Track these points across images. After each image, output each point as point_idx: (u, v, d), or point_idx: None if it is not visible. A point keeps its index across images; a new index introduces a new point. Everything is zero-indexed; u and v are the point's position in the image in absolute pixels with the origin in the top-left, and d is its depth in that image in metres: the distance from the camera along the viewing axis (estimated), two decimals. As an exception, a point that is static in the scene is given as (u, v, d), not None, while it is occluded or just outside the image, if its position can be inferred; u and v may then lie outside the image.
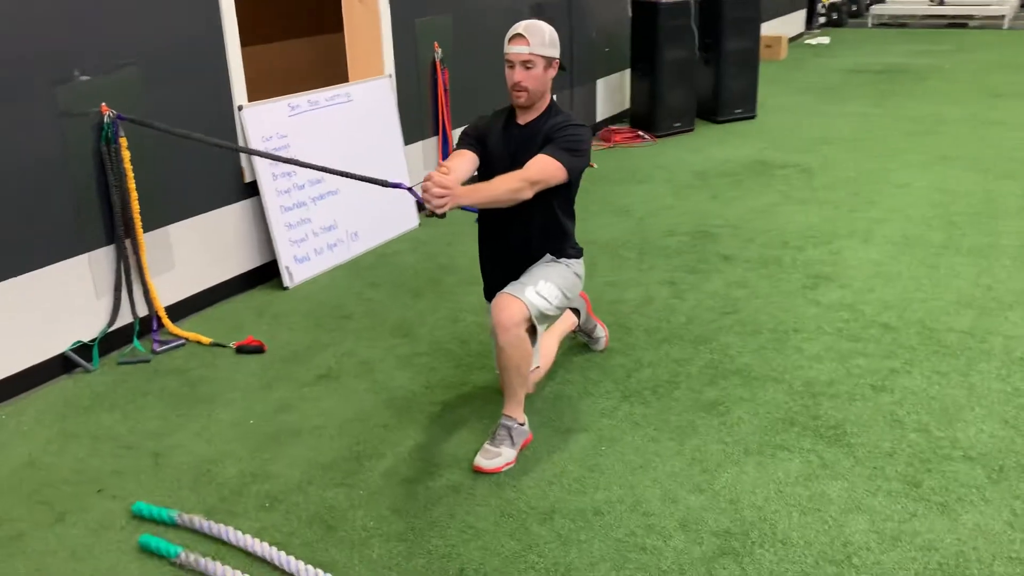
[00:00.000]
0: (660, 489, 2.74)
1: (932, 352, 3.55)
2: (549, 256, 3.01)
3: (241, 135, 4.28)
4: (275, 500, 2.76)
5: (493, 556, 2.47)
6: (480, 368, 3.56)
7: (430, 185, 2.56)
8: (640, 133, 7.59)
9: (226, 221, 4.30)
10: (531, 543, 2.51)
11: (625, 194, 5.96)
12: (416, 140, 5.53)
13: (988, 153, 6.62)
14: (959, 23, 15.88)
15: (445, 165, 2.71)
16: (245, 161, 4.33)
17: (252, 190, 4.39)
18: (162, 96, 3.88)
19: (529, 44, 2.82)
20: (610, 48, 7.89)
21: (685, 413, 3.17)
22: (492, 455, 2.87)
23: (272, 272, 4.52)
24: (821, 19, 15.90)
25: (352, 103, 4.86)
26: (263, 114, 4.33)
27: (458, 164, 2.86)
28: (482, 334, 3.82)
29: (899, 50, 12.67)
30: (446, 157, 4.95)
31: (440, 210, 2.59)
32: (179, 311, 4.09)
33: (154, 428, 3.20)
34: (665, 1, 7.28)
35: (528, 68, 2.84)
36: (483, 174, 2.98)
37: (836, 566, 2.38)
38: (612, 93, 8.14)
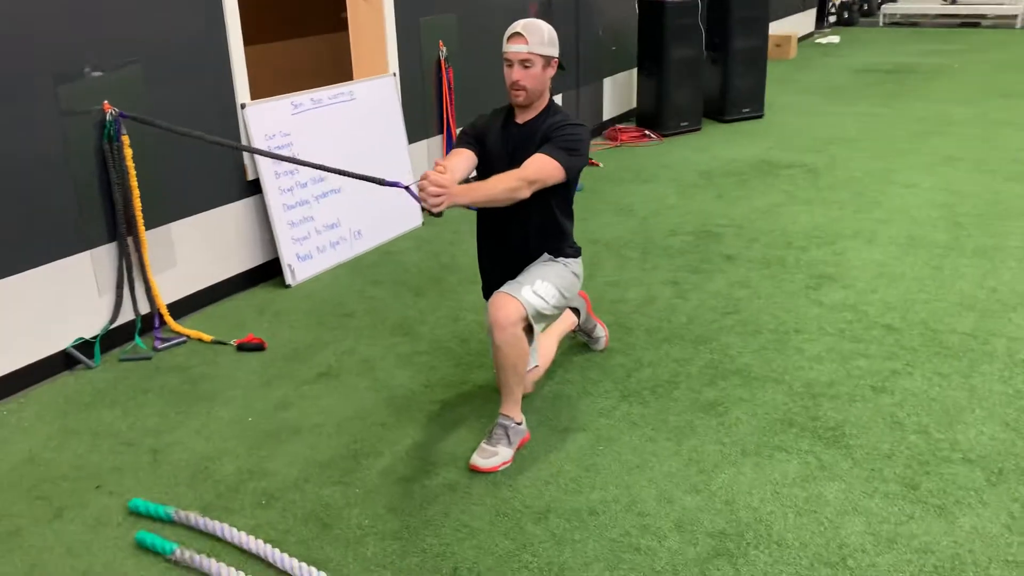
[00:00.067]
0: (656, 489, 2.73)
1: (934, 353, 3.53)
2: (547, 255, 3.01)
3: (244, 133, 4.29)
4: (271, 497, 2.76)
5: (487, 555, 2.47)
6: (480, 367, 3.56)
7: (426, 184, 2.55)
8: (646, 132, 7.58)
9: (228, 219, 4.31)
10: (525, 542, 2.51)
11: (629, 193, 5.95)
12: (420, 139, 5.54)
13: (996, 154, 6.58)
14: (972, 22, 15.80)
15: (442, 164, 2.69)
16: (248, 159, 4.34)
17: (255, 188, 4.40)
18: (165, 94, 3.90)
19: (528, 43, 2.81)
20: (617, 47, 7.87)
21: (684, 413, 3.16)
22: (489, 454, 2.87)
23: (275, 270, 4.53)
24: (831, 18, 15.83)
25: (355, 101, 4.87)
26: (265, 112, 4.34)
27: (456, 163, 2.86)
28: (482, 333, 3.82)
29: (909, 49, 12.61)
30: (450, 156, 4.94)
31: (436, 209, 2.58)
32: (181, 308, 4.11)
33: (154, 425, 3.21)
34: (672, 0, 7.27)
35: (526, 67, 2.83)
36: (482, 173, 2.98)
37: (831, 568, 2.37)
38: (619, 92, 8.13)
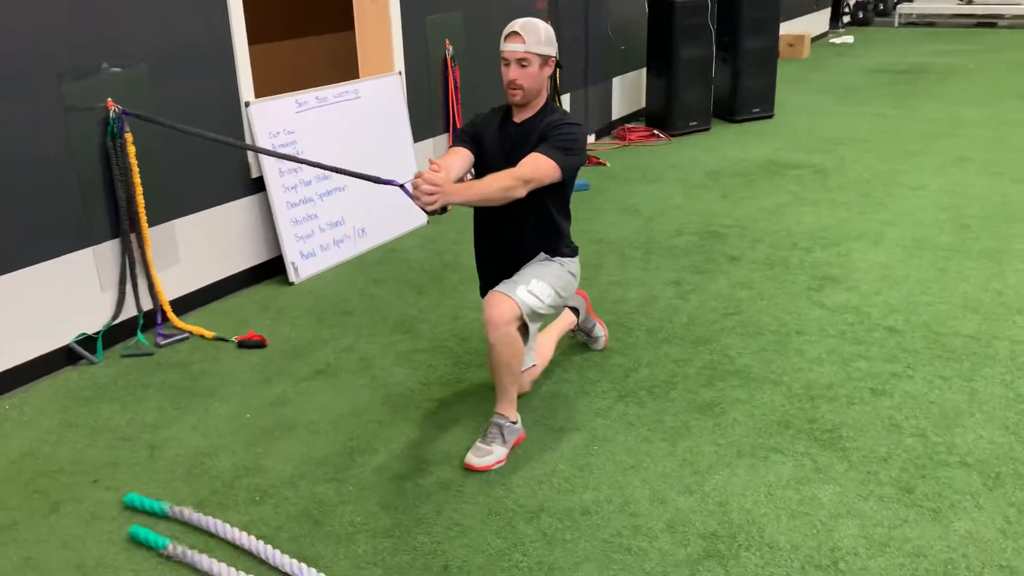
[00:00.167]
0: (649, 490, 2.72)
1: (935, 356, 3.50)
2: (543, 255, 3.01)
3: (248, 131, 4.31)
4: (265, 494, 2.77)
5: (478, 554, 2.47)
6: (478, 366, 3.56)
7: (420, 182, 2.56)
8: (655, 132, 7.56)
9: (232, 216, 4.33)
10: (516, 541, 2.51)
11: (635, 193, 5.94)
12: (426, 137, 5.54)
13: (1006, 155, 6.52)
14: (988, 22, 15.67)
15: (436, 163, 2.70)
16: (252, 157, 4.35)
17: (259, 186, 4.42)
18: (169, 91, 3.92)
19: (525, 42, 2.81)
20: (626, 46, 7.86)
21: (680, 414, 3.15)
22: (483, 453, 2.87)
23: (278, 267, 4.54)
24: (846, 18, 15.74)
25: (360, 100, 4.88)
26: (270, 110, 4.36)
27: (452, 162, 2.86)
28: (482, 332, 3.79)
29: (924, 50, 12.52)
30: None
31: (430, 207, 2.59)
32: (185, 305, 4.13)
33: (152, 420, 3.23)
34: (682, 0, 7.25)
35: (524, 66, 2.83)
36: (479, 172, 2.98)
37: (822, 571, 2.36)
38: (628, 92, 8.11)
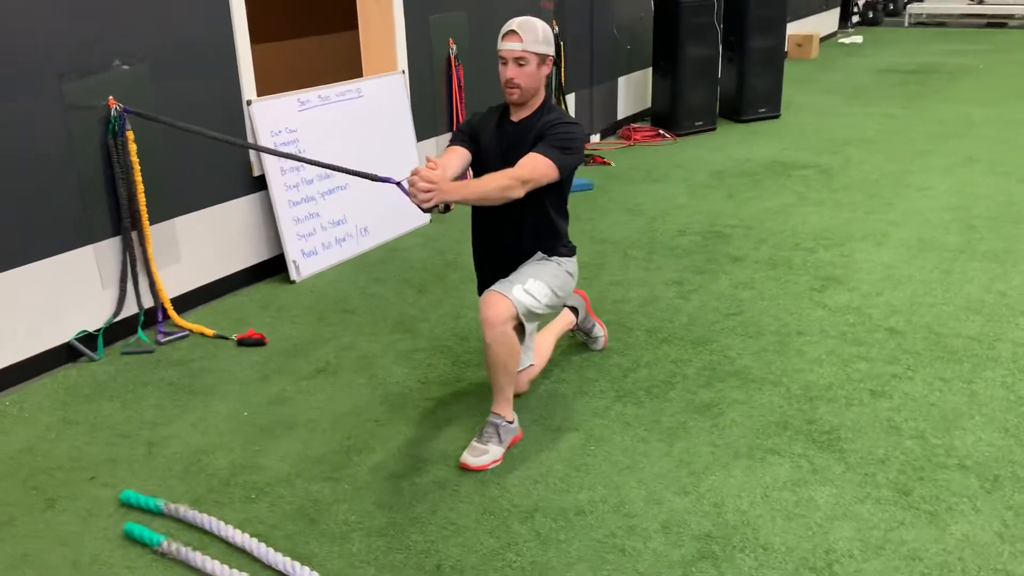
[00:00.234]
0: (645, 490, 2.71)
1: (936, 358, 3.48)
2: (540, 254, 3.00)
3: (249, 129, 4.32)
4: (261, 492, 2.78)
5: (471, 553, 2.47)
6: (477, 365, 3.56)
7: (416, 179, 2.56)
8: (660, 132, 7.54)
9: (234, 214, 4.34)
10: (510, 541, 2.51)
11: (639, 193, 5.92)
12: (429, 136, 5.54)
13: (1015, 156, 6.48)
14: (999, 22, 15.59)
15: (434, 161, 2.71)
16: (254, 155, 4.36)
17: (260, 184, 4.42)
18: (171, 89, 3.93)
19: (522, 41, 2.81)
20: (632, 46, 7.84)
21: (678, 414, 3.14)
22: (479, 452, 2.86)
23: (280, 266, 4.55)
24: (855, 18, 15.67)
25: (363, 98, 4.88)
26: (271, 109, 4.36)
27: (449, 161, 2.87)
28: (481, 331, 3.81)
29: (933, 50, 12.46)
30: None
31: (426, 204, 2.60)
32: (186, 303, 4.14)
33: (151, 417, 3.24)
34: (688, -1, 7.24)
35: (521, 65, 2.83)
36: (476, 171, 2.98)
37: (816, 573, 2.34)
38: (634, 91, 8.09)
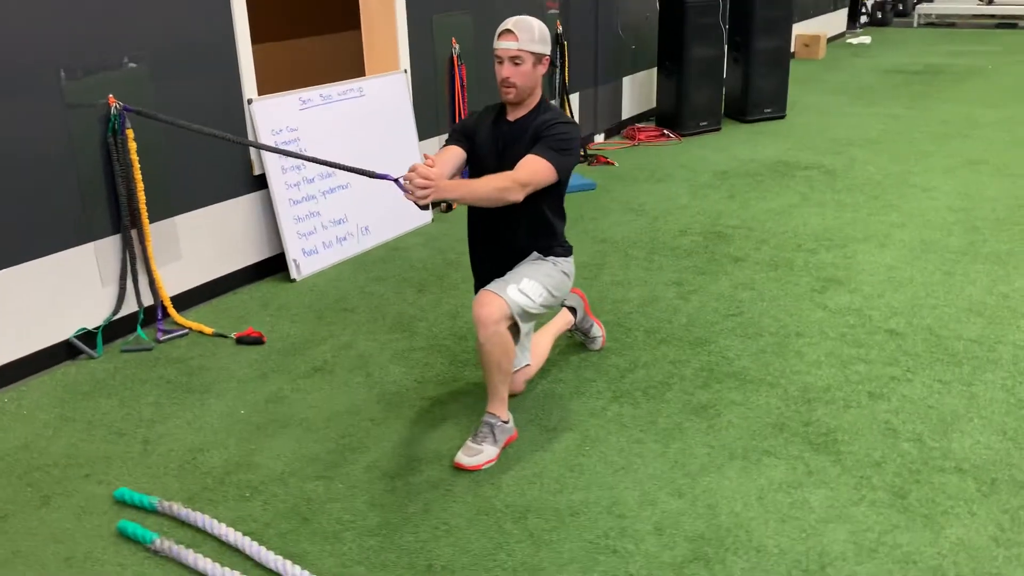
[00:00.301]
0: (639, 491, 2.71)
1: (936, 360, 3.46)
2: (536, 254, 2.99)
3: (250, 128, 4.32)
4: (255, 490, 2.78)
5: (463, 554, 2.46)
6: (474, 364, 3.55)
7: (413, 176, 2.57)
8: (665, 132, 7.52)
9: (234, 213, 4.34)
10: (502, 542, 2.50)
11: (642, 193, 5.91)
12: (432, 136, 5.54)
13: (1020, 157, 6.44)
14: (1008, 23, 15.50)
15: (432, 158, 2.73)
16: (255, 154, 4.37)
17: (261, 183, 4.43)
18: (171, 88, 3.93)
19: (518, 40, 2.80)
20: (637, 46, 7.82)
21: (674, 415, 3.13)
22: (473, 452, 2.86)
23: (280, 264, 4.55)
24: (864, 18, 15.60)
25: (364, 98, 4.88)
26: (272, 108, 4.37)
27: (444, 160, 2.87)
28: (480, 331, 3.81)
29: (942, 50, 12.40)
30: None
31: (422, 201, 2.61)
32: (186, 301, 4.15)
33: (148, 415, 3.25)
34: (693, -1, 7.21)
35: (517, 64, 2.82)
36: (472, 170, 2.98)
37: (809, 576, 2.34)
38: (638, 91, 8.07)
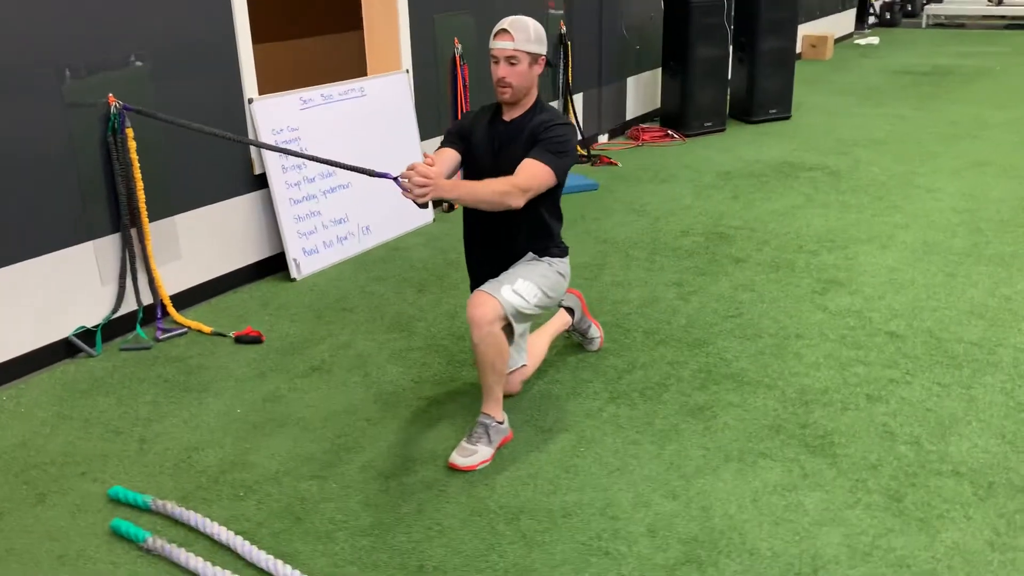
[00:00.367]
0: (633, 493, 2.70)
1: (936, 362, 3.44)
2: (532, 255, 2.99)
3: (251, 128, 4.33)
4: (250, 490, 2.78)
5: (454, 554, 2.46)
6: (471, 365, 3.54)
7: (412, 174, 2.58)
8: (669, 132, 7.50)
9: (235, 212, 4.35)
10: (494, 543, 2.50)
11: (646, 193, 5.89)
12: (434, 136, 5.53)
13: (1027, 159, 6.41)
14: (1018, 24, 15.41)
15: (431, 157, 2.75)
16: (255, 153, 4.37)
17: (262, 182, 4.43)
18: (172, 88, 3.94)
19: (514, 40, 2.79)
20: (641, 46, 7.81)
21: (671, 417, 3.11)
22: (468, 453, 2.85)
23: (281, 264, 4.56)
24: (872, 19, 15.53)
25: (366, 97, 4.88)
26: (272, 107, 4.37)
27: (440, 161, 2.87)
28: (478, 331, 3.80)
29: (950, 51, 12.34)
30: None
31: (421, 200, 2.61)
32: (186, 300, 4.15)
33: (145, 414, 3.25)
34: (698, -1, 7.19)
35: (512, 64, 2.81)
36: (467, 170, 2.98)
37: (801, 579, 2.32)
38: (643, 91, 8.06)
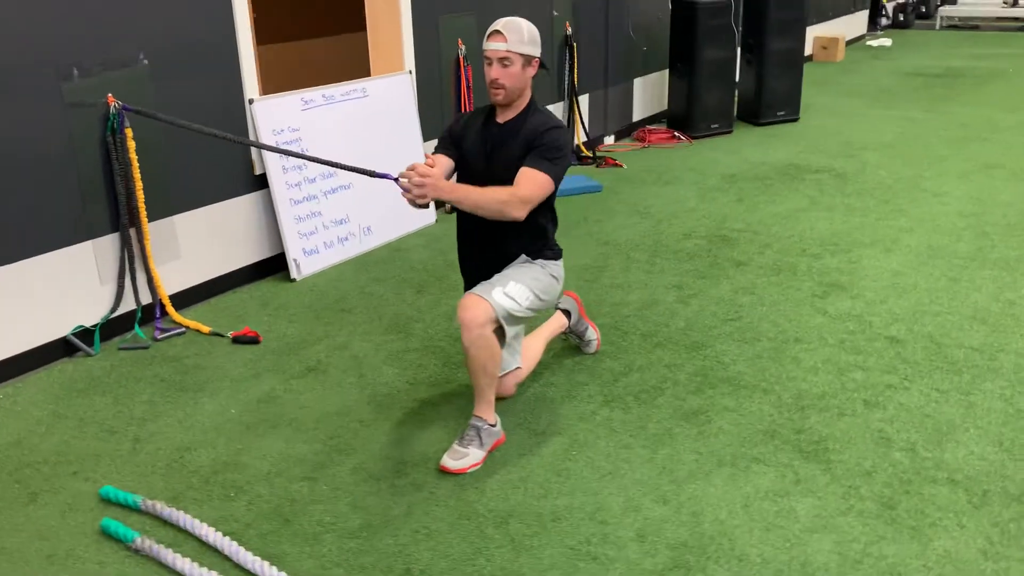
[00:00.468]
0: (623, 497, 2.68)
1: (935, 368, 3.41)
2: (524, 257, 2.98)
3: (251, 128, 4.33)
4: (240, 490, 2.78)
5: (441, 558, 2.45)
6: (466, 367, 3.53)
7: (412, 175, 2.59)
8: (676, 134, 7.47)
9: (235, 212, 4.35)
10: (482, 547, 2.49)
11: (650, 195, 5.87)
12: (436, 136, 5.50)
13: (1037, 162, 6.35)
14: (1033, 26, 15.28)
15: (432, 158, 2.79)
16: (255, 154, 4.38)
17: (262, 182, 4.43)
18: (172, 88, 3.95)
19: (507, 41, 2.79)
20: (648, 47, 7.78)
21: (664, 421, 3.09)
22: (459, 455, 2.84)
23: (281, 264, 4.56)
24: (884, 20, 15.42)
25: (368, 98, 4.88)
26: (273, 108, 4.37)
27: (437, 164, 2.88)
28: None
29: (963, 53, 12.24)
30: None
31: (420, 200, 2.65)
32: (186, 299, 4.16)
33: (140, 413, 3.26)
34: (705, 0, 7.15)
35: (505, 65, 2.80)
36: (460, 173, 2.98)
37: (790, 586, 2.30)
38: (650, 93, 8.02)
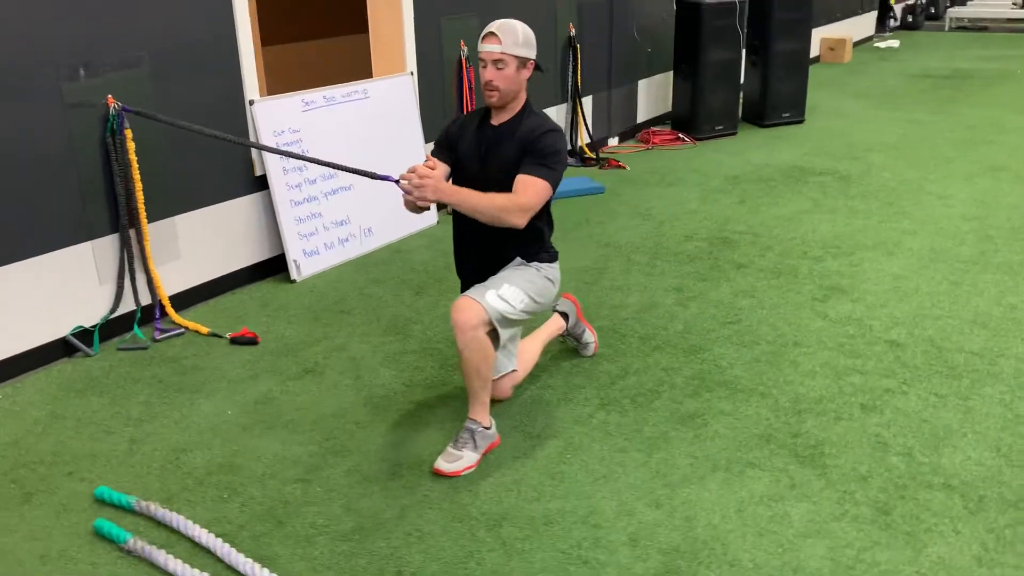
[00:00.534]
0: (617, 501, 2.67)
1: (934, 372, 3.39)
2: (519, 259, 2.97)
3: (252, 129, 4.34)
4: (234, 492, 2.78)
5: (433, 561, 2.44)
6: (464, 369, 3.53)
7: (413, 176, 2.61)
8: (680, 135, 7.46)
9: (235, 213, 4.36)
10: (473, 550, 2.48)
11: (652, 197, 5.86)
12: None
13: (1043, 165, 6.31)
14: (1043, 27, 15.19)
15: (433, 160, 2.84)
16: (256, 155, 4.38)
17: (262, 183, 4.44)
18: (172, 89, 3.96)
19: (501, 43, 2.78)
20: (653, 48, 7.76)
21: (660, 424, 3.08)
22: (453, 458, 2.84)
23: (281, 265, 4.57)
24: (892, 21, 15.35)
25: (369, 99, 4.88)
26: (274, 109, 4.38)
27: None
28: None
29: (972, 55, 12.18)
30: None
31: (421, 202, 2.67)
32: (186, 300, 4.17)
33: (137, 414, 3.27)
34: (710, 1, 7.14)
35: (500, 68, 2.80)
36: (455, 176, 2.98)
37: (781, 592, 2.29)
38: (654, 94, 8.01)
